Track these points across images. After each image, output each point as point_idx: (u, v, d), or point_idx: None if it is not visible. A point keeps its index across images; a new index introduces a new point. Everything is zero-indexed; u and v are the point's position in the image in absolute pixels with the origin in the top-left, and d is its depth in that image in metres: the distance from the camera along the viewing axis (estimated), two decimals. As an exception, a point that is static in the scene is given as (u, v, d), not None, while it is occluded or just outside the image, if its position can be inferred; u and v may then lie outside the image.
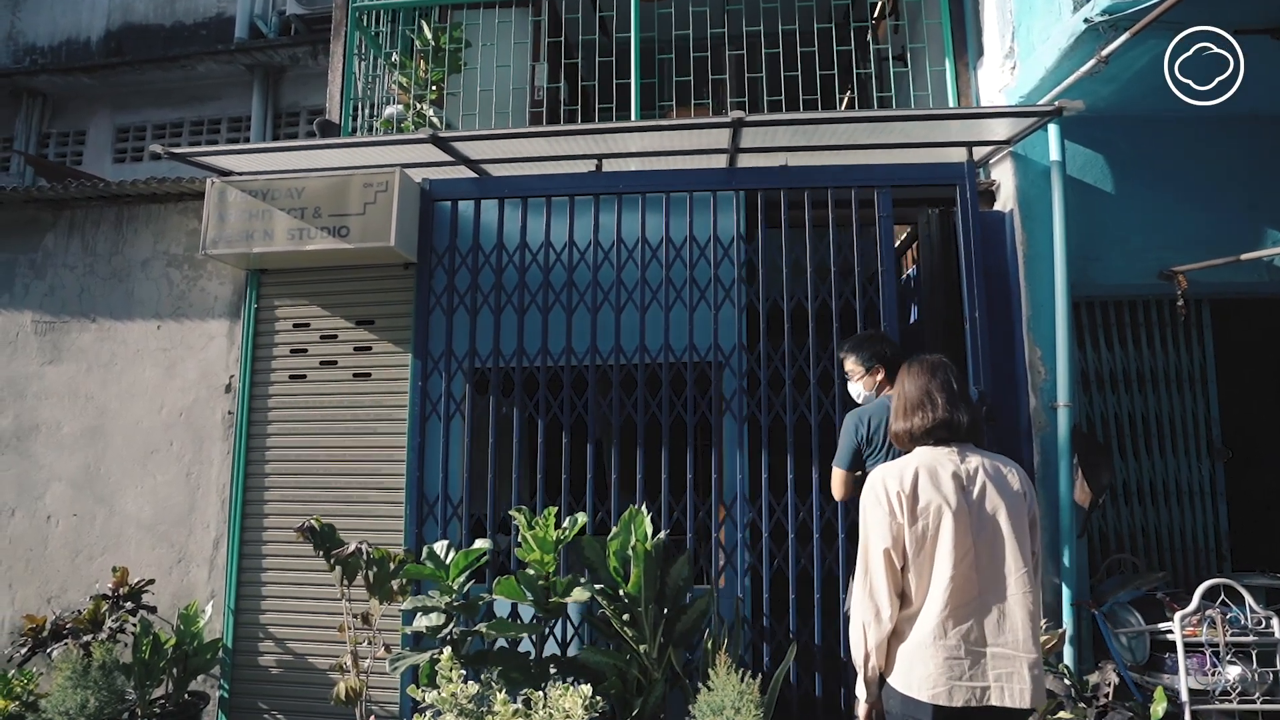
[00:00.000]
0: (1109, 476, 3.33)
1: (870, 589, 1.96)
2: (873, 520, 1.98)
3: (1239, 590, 2.89)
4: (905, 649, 1.94)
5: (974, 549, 1.91)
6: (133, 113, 7.10)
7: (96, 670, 3.12)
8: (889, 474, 2.00)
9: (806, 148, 3.66)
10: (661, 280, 3.57)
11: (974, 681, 1.87)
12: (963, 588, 1.90)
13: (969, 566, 1.90)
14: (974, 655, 1.88)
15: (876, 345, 3.06)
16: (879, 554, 1.95)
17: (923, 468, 1.98)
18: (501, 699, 2.60)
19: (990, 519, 1.93)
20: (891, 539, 1.94)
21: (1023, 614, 1.89)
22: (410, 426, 3.61)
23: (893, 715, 1.97)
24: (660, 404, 3.48)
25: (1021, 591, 1.89)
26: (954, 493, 1.94)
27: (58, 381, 4.10)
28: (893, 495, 1.96)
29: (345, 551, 3.10)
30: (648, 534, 3.04)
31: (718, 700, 2.64)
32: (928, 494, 1.94)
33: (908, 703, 1.91)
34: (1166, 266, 3.52)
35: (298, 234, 3.57)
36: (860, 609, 1.98)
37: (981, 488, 1.96)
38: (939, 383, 2.06)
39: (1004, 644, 1.88)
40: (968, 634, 1.88)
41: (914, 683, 1.89)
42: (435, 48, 4.52)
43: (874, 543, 1.97)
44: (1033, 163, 3.64)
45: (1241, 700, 2.81)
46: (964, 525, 1.91)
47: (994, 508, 1.94)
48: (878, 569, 1.95)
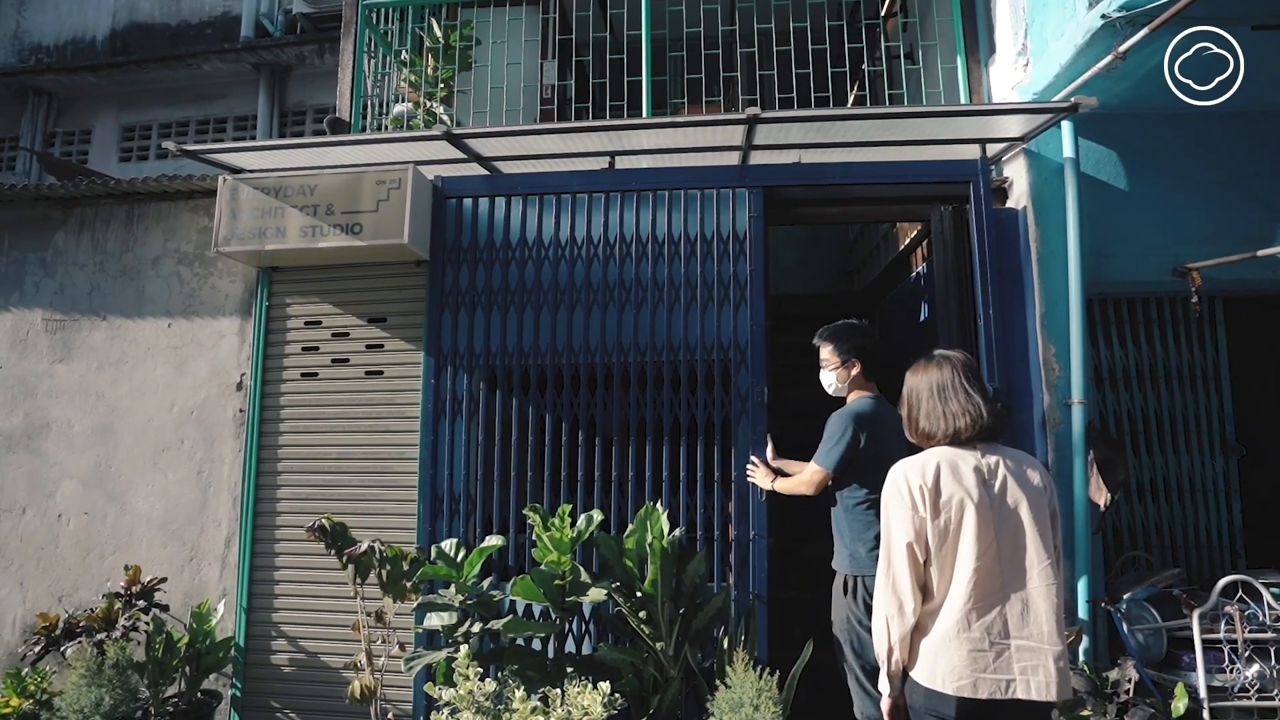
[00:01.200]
0: (1124, 473, 3.32)
1: (893, 583, 1.97)
2: (895, 514, 1.99)
3: (1257, 587, 2.89)
4: (929, 642, 1.94)
5: (996, 542, 1.92)
6: (139, 112, 7.10)
7: (111, 669, 3.11)
8: (910, 468, 2.01)
9: (820, 144, 3.66)
10: (676, 277, 3.56)
11: (998, 674, 1.86)
12: (986, 580, 1.90)
13: (992, 559, 1.91)
14: (998, 648, 1.88)
15: (858, 337, 2.94)
16: (901, 548, 1.96)
17: (944, 462, 1.99)
18: (520, 696, 2.60)
19: (1012, 512, 1.94)
20: (914, 533, 1.94)
21: (1047, 606, 1.89)
22: (423, 424, 3.60)
23: (916, 709, 1.97)
24: (681, 401, 3.47)
25: (1045, 584, 1.90)
26: (976, 486, 1.94)
27: (68, 380, 4.09)
28: (915, 489, 1.96)
29: (358, 550, 3.09)
30: (664, 531, 3.04)
31: (736, 697, 2.63)
32: (950, 488, 1.94)
33: (931, 696, 1.91)
34: (1180, 263, 3.51)
35: (310, 231, 3.56)
36: (883, 603, 1.99)
37: (1003, 482, 1.96)
38: (963, 380, 2.05)
39: (1028, 636, 1.88)
40: (991, 626, 1.89)
41: (938, 676, 1.90)
42: (445, 45, 4.51)
43: (896, 537, 1.98)
44: (1046, 160, 3.63)
45: (1260, 697, 2.81)
46: (986, 518, 1.92)
47: (1015, 501, 1.94)
48: (900, 563, 1.96)
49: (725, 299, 3.53)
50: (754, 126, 3.34)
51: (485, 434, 3.57)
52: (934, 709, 1.91)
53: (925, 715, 1.95)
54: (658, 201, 3.63)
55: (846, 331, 2.99)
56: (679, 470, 3.44)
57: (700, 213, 3.61)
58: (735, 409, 3.44)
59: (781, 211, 3.68)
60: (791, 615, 3.79)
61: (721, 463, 3.43)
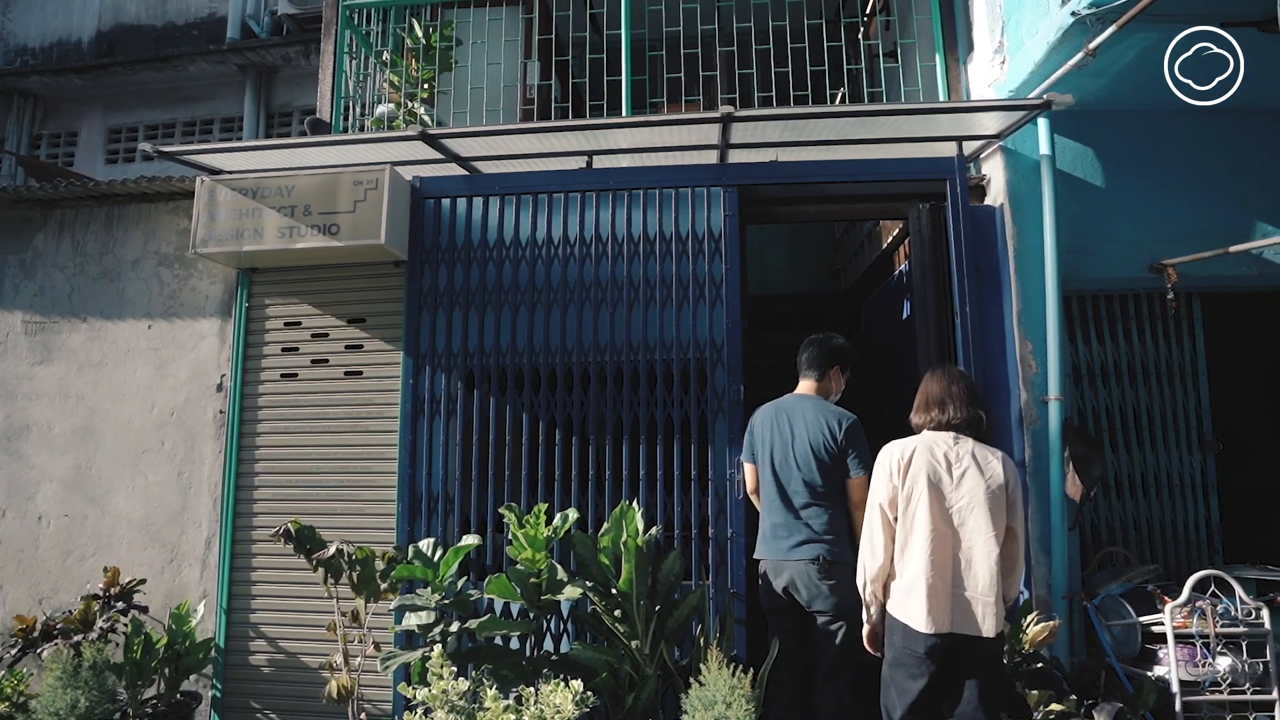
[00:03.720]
0: (1100, 469, 3.33)
1: (869, 534, 2.53)
2: (877, 481, 2.55)
3: (1229, 582, 2.90)
4: (900, 586, 2.46)
5: (951, 513, 2.42)
6: (125, 114, 7.08)
7: (87, 670, 3.10)
8: (895, 448, 2.55)
9: (796, 143, 3.67)
10: (653, 276, 3.57)
11: (950, 615, 2.38)
12: (940, 541, 2.40)
13: (945, 525, 2.42)
14: (950, 594, 2.39)
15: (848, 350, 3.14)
16: (876, 507, 2.51)
17: (921, 444, 2.51)
18: (492, 695, 2.60)
19: (968, 490, 2.42)
20: (887, 498, 2.48)
21: (986, 567, 2.37)
22: (402, 424, 3.61)
23: (893, 638, 2.48)
24: (657, 400, 3.48)
25: (986, 550, 2.38)
26: (941, 466, 2.46)
27: (48, 382, 4.08)
28: (893, 463, 2.51)
29: (325, 554, 3.09)
30: (639, 530, 3.04)
31: (709, 695, 2.63)
32: (919, 465, 2.46)
33: (905, 631, 2.43)
34: (1157, 259, 3.53)
35: (288, 232, 3.56)
36: (862, 549, 2.56)
37: (965, 466, 2.45)
38: (956, 387, 2.57)
39: (971, 588, 2.38)
40: (945, 577, 2.39)
41: (908, 613, 2.42)
42: (426, 46, 4.51)
43: (873, 498, 2.54)
44: (1023, 157, 3.65)
45: (1232, 691, 2.82)
46: (943, 492, 2.44)
47: (973, 483, 2.43)
48: (874, 519, 2.51)
49: (701, 297, 3.54)
50: (729, 125, 3.35)
51: (464, 434, 3.58)
52: (910, 643, 2.41)
53: (903, 649, 2.43)
54: (634, 201, 3.64)
55: (846, 350, 3.13)
56: (656, 468, 3.44)
57: (676, 212, 3.62)
58: (711, 407, 3.45)
59: (758, 210, 3.69)
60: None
61: (698, 461, 3.43)
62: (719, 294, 3.53)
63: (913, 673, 2.41)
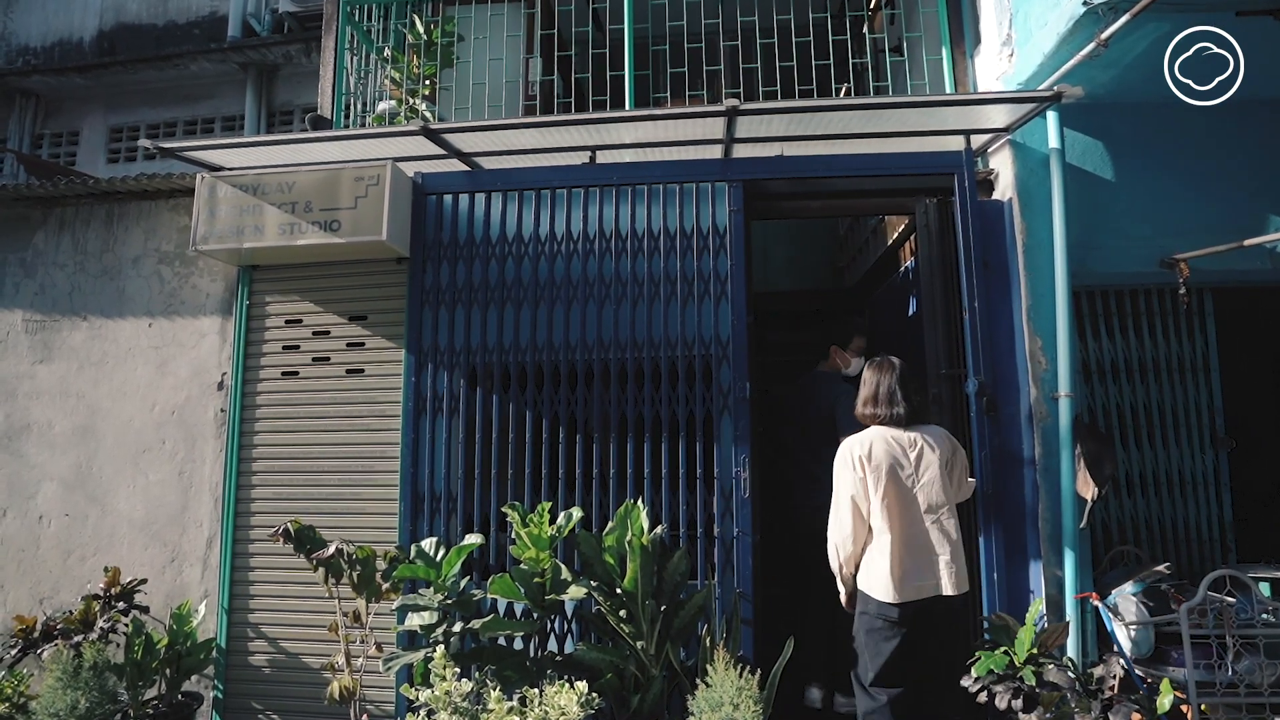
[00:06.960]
0: (1111, 467, 3.28)
1: (839, 522, 2.83)
2: (842, 475, 2.84)
3: (1245, 581, 2.85)
4: (874, 563, 2.77)
5: (913, 493, 2.77)
6: (126, 112, 7.07)
7: (87, 671, 3.07)
8: (854, 443, 2.86)
9: (802, 137, 3.62)
10: (657, 272, 3.53)
11: (920, 581, 2.72)
12: (907, 519, 2.74)
13: (910, 504, 2.76)
14: (919, 563, 2.73)
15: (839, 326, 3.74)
16: (846, 498, 2.80)
17: (877, 437, 2.85)
18: (496, 696, 2.56)
19: (926, 471, 2.79)
20: (857, 490, 2.79)
21: (946, 535, 2.74)
22: (404, 422, 3.57)
23: (868, 608, 2.78)
24: (662, 397, 3.44)
25: (946, 519, 2.76)
26: (900, 453, 2.81)
27: (49, 380, 4.06)
28: (855, 458, 2.81)
29: (325, 553, 3.06)
30: (644, 528, 3.00)
31: (716, 696, 2.60)
32: (879, 455, 2.79)
33: (880, 604, 2.74)
34: (1168, 254, 3.47)
35: (289, 229, 3.53)
36: (833, 535, 2.86)
37: (919, 451, 2.82)
38: (894, 381, 2.88)
39: (939, 554, 2.73)
40: (913, 549, 2.73)
41: (881, 586, 2.72)
42: (428, 42, 4.47)
43: (842, 490, 2.83)
44: (1031, 151, 3.60)
45: (1248, 693, 2.77)
46: (905, 476, 2.78)
47: (928, 464, 2.80)
48: (844, 509, 2.81)
49: (706, 294, 3.49)
50: (734, 119, 3.32)
51: (466, 432, 3.54)
52: (883, 613, 2.73)
53: (876, 617, 2.75)
54: (638, 196, 3.60)
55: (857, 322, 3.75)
56: (661, 467, 3.40)
57: (680, 207, 3.58)
58: (717, 405, 3.41)
59: (763, 205, 3.64)
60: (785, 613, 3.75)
61: (704, 459, 3.39)
62: (724, 290, 3.49)
63: (886, 635, 2.73)
